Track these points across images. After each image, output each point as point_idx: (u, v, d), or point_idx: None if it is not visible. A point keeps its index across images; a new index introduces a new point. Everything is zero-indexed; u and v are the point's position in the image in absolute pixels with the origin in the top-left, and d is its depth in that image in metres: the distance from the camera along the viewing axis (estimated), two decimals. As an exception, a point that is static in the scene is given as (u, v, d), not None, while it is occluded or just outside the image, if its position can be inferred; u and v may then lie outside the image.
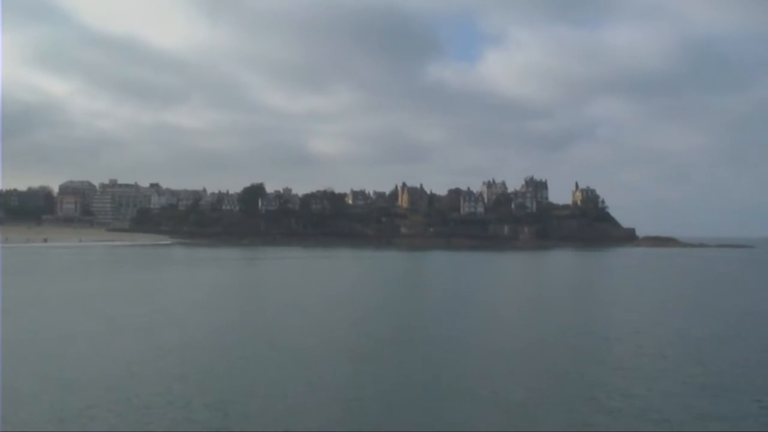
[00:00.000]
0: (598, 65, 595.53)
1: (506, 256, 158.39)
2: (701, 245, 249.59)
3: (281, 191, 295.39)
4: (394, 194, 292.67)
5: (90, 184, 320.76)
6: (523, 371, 26.55)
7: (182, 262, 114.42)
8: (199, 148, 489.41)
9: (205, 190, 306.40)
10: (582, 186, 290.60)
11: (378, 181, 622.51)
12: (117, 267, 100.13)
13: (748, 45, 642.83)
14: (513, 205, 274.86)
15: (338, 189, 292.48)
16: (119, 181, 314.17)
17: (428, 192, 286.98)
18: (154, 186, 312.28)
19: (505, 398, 22.32)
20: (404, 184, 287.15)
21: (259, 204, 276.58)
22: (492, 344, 32.45)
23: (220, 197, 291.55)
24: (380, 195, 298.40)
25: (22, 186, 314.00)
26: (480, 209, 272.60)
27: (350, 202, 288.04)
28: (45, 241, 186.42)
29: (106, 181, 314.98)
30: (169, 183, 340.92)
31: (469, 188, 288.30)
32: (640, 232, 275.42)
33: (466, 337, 34.35)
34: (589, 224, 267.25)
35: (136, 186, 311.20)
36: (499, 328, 37.35)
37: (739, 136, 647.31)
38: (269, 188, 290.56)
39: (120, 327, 36.90)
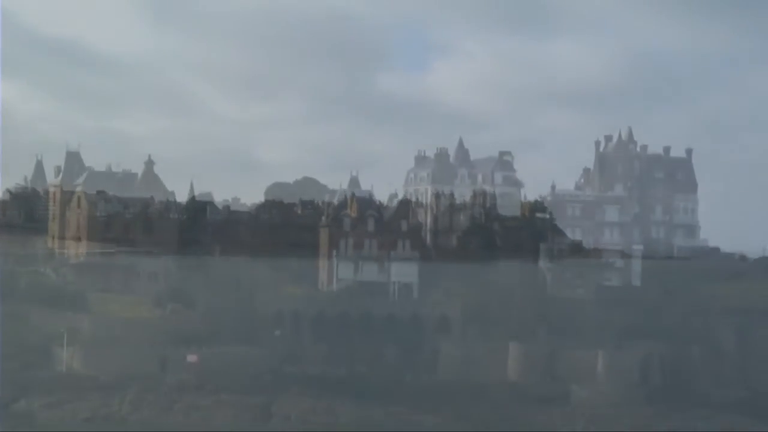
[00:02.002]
0: (546, 77, 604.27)
1: (452, 268, 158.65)
2: (648, 257, 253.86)
3: (229, 200, 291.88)
4: (343, 204, 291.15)
5: (34, 191, 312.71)
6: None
7: (118, 273, 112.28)
8: (145, 155, 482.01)
9: (152, 198, 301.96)
10: (530, 198, 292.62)
11: (327, 191, 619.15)
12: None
13: (693, 61, 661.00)
14: (462, 217, 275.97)
15: (287, 199, 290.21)
16: (64, 188, 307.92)
17: (377, 202, 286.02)
18: (101, 194, 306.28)
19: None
20: (353, 194, 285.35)
21: (207, 213, 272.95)
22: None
23: (168, 206, 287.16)
24: (329, 205, 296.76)
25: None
26: (429, 220, 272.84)
27: (299, 212, 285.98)
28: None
29: (50, 188, 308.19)
30: (115, 191, 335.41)
31: (418, 199, 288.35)
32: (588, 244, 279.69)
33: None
34: (537, 236, 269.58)
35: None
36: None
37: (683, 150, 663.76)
38: (217, 197, 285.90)
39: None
